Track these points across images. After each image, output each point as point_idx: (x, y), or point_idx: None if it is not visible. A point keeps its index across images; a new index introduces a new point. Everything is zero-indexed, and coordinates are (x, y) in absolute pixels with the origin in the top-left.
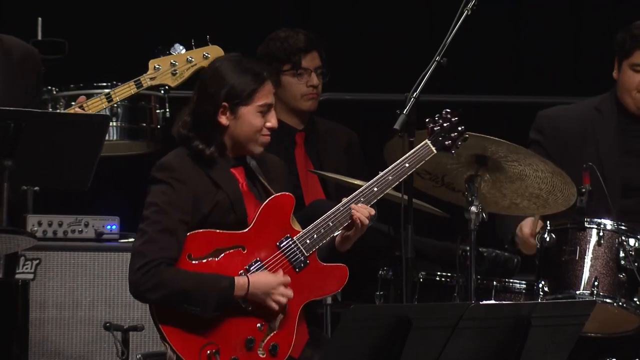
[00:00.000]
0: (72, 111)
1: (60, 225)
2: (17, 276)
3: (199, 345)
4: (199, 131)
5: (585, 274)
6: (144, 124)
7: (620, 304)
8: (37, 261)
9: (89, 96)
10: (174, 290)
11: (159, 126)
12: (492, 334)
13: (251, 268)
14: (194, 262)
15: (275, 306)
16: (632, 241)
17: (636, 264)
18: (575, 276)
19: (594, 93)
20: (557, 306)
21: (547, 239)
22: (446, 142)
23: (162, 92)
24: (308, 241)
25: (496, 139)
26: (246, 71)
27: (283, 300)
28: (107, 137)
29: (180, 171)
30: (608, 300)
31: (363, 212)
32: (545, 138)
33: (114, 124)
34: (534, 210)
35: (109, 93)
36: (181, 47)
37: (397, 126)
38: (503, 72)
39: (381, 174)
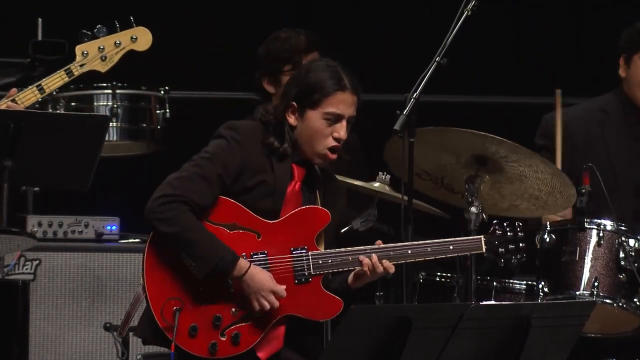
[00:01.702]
0: (2, 105)
1: (60, 225)
2: (17, 276)
3: (168, 296)
4: (277, 121)
5: (585, 275)
6: (144, 125)
7: (620, 304)
8: (37, 261)
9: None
10: (184, 234)
11: (159, 127)
12: (492, 334)
13: (254, 257)
14: (206, 223)
15: (256, 305)
16: (632, 242)
17: (636, 265)
18: (575, 277)
19: (594, 93)
20: (557, 307)
21: (547, 240)
22: (500, 249)
23: (162, 92)
24: (320, 262)
25: (497, 137)
26: (325, 77)
27: (266, 305)
28: (107, 138)
29: (244, 136)
30: (608, 301)
31: (377, 268)
32: (553, 142)
33: (114, 124)
34: (533, 212)
35: (40, 84)
36: (105, 29)
37: (397, 127)
38: (503, 72)
39: (422, 242)
